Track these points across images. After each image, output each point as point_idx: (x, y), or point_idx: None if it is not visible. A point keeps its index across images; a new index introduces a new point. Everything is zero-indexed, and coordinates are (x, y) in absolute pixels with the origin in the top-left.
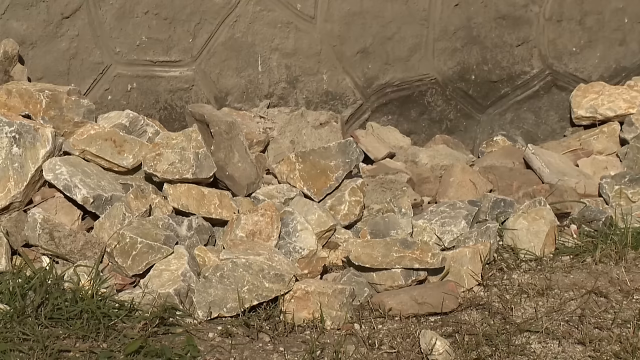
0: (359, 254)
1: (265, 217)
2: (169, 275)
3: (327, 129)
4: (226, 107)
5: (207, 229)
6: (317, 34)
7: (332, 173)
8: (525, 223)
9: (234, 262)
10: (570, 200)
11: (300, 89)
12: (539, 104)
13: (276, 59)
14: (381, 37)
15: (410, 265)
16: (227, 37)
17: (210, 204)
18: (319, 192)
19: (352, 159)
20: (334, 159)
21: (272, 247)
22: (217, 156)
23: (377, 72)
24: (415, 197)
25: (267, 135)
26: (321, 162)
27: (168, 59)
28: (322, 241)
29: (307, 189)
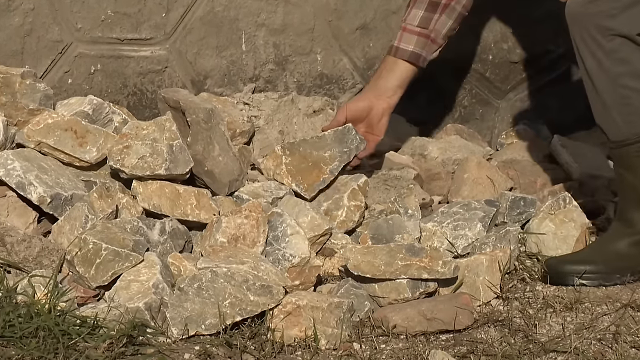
0: (358, 262)
1: (250, 220)
2: (139, 287)
3: (321, 117)
4: (205, 92)
5: (182, 233)
6: (310, 8)
7: (325, 165)
8: (552, 226)
9: (214, 272)
10: (603, 199)
11: (291, 71)
12: (567, 89)
13: (263, 36)
14: (384, 10)
15: (417, 275)
16: (206, 11)
17: (187, 204)
18: (310, 188)
19: (350, 147)
20: (329, 149)
21: (257, 254)
22: (194, 149)
23: (379, 52)
24: (423, 197)
25: (252, 124)
26: (313, 154)
27: (137, 36)
28: (315, 247)
29: (295, 184)
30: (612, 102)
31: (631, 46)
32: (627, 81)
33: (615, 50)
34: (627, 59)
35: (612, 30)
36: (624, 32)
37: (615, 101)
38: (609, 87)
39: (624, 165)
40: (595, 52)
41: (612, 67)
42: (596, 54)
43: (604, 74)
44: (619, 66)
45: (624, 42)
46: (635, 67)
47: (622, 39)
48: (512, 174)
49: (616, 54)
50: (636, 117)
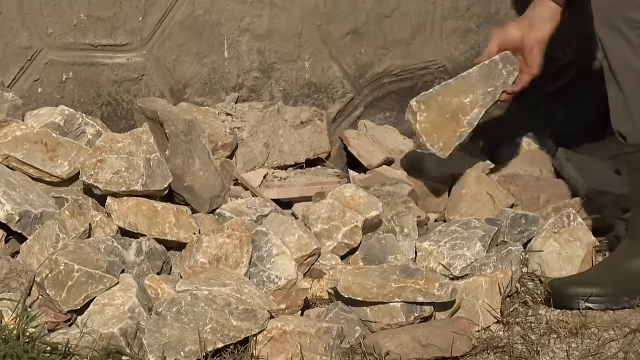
0: (349, 285)
1: (233, 239)
2: (113, 311)
3: (309, 128)
4: (184, 102)
5: (160, 253)
6: (298, 11)
7: (464, 116)
8: (556, 245)
9: (194, 295)
10: (611, 216)
11: (277, 80)
12: (573, 99)
13: (246, 42)
14: (377, 14)
15: (412, 299)
16: (185, 15)
17: (165, 222)
18: (446, 146)
19: (496, 85)
20: (472, 91)
21: (241, 276)
22: (173, 163)
23: (372, 58)
24: (419, 214)
25: (235, 136)
26: (453, 102)
27: (112, 42)
28: (303, 268)
29: (430, 144)
30: (636, 102)
31: None
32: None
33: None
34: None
35: (639, 22)
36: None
37: (639, 101)
38: (635, 86)
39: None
40: (621, 47)
41: (638, 64)
42: (622, 49)
43: (629, 71)
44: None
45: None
46: None
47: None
48: (513, 189)
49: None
50: None
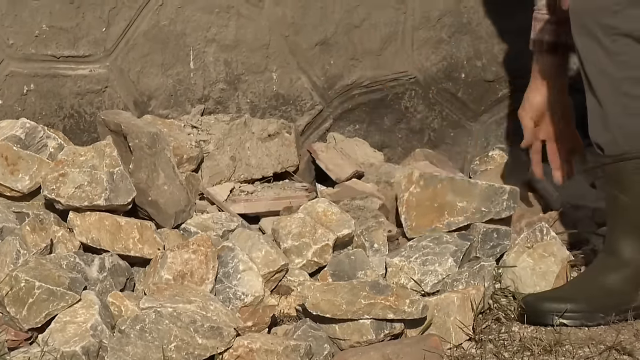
0: (317, 301)
1: (199, 255)
2: (76, 329)
3: (277, 141)
4: (149, 115)
5: (123, 269)
6: (265, 21)
7: (449, 215)
8: (530, 261)
9: (158, 312)
10: (586, 231)
11: (244, 91)
12: None
13: (213, 52)
14: (346, 24)
15: (382, 316)
16: (150, 25)
17: (129, 237)
18: (417, 230)
19: (491, 210)
20: (469, 200)
21: (206, 293)
22: (137, 177)
23: (341, 70)
24: (389, 229)
25: (201, 150)
26: (448, 196)
27: (75, 53)
28: (270, 285)
29: (405, 217)
30: (612, 111)
31: (637, 48)
32: (630, 88)
33: (618, 52)
34: (632, 63)
35: (615, 28)
36: (629, 30)
37: (615, 110)
38: (610, 94)
39: (618, 185)
40: (597, 54)
41: (614, 71)
42: (597, 55)
43: (605, 79)
44: (622, 71)
45: (629, 44)
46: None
47: (627, 39)
48: None
49: (619, 56)
50: (635, 130)
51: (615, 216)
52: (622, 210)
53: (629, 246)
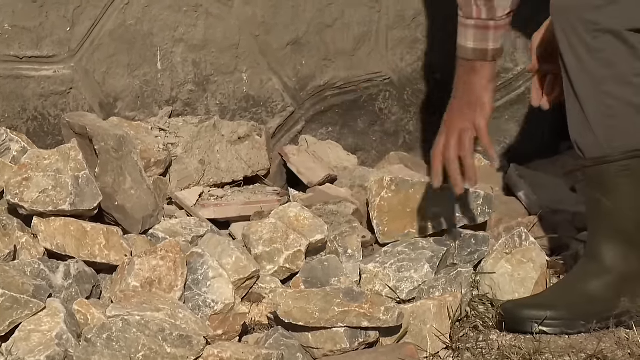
0: (289, 309)
1: (167, 261)
2: (40, 338)
3: (247, 144)
4: (115, 117)
5: (90, 276)
6: (235, 21)
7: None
8: (509, 267)
9: (126, 321)
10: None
11: (213, 93)
12: (526, 112)
13: (181, 53)
14: (318, 24)
15: (356, 324)
16: (116, 25)
17: (95, 244)
18: (389, 236)
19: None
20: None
21: (175, 300)
22: (103, 181)
23: (314, 70)
24: (364, 234)
25: (169, 153)
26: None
27: (39, 53)
28: (241, 292)
29: (377, 222)
30: (593, 111)
31: (618, 45)
32: (612, 87)
33: (600, 49)
34: (613, 61)
35: (597, 24)
36: (611, 27)
37: (596, 110)
38: (591, 93)
39: (600, 188)
40: (578, 51)
41: (595, 69)
42: (578, 53)
43: (586, 77)
44: (604, 69)
45: (610, 40)
46: (622, 70)
47: (609, 36)
48: None
49: (601, 53)
50: (620, 131)
51: (597, 221)
52: (604, 214)
53: (611, 251)
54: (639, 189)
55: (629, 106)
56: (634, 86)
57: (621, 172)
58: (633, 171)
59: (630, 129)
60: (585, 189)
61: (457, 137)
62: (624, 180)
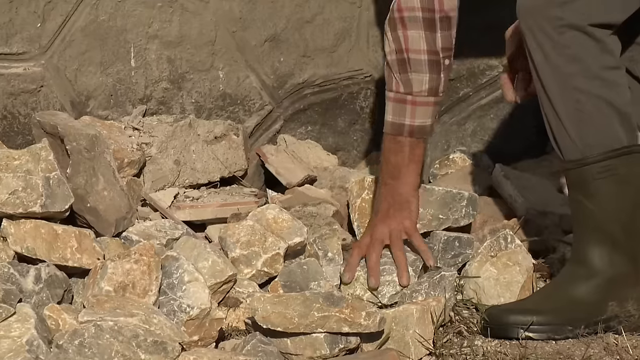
0: (267, 314)
1: (141, 265)
2: (10, 345)
3: (224, 144)
4: (87, 116)
5: (61, 280)
6: (211, 16)
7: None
8: (494, 271)
9: (98, 326)
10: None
11: (188, 91)
12: (511, 110)
13: (155, 50)
14: (297, 19)
15: (337, 329)
16: (88, 21)
17: (66, 247)
18: None
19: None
20: (425, 206)
21: (149, 305)
22: (75, 182)
23: (292, 68)
24: (344, 237)
25: (143, 153)
26: None
27: (8, 50)
28: (217, 296)
29: (358, 224)
30: (563, 108)
31: (584, 39)
32: (579, 83)
33: (566, 45)
34: (579, 56)
35: (562, 20)
36: (575, 22)
37: (567, 107)
38: (560, 90)
39: (581, 191)
40: (545, 49)
41: (563, 65)
42: (545, 50)
43: (554, 74)
44: (571, 64)
45: (576, 36)
46: (588, 65)
47: (574, 31)
48: None
49: (568, 49)
50: (590, 128)
51: (582, 224)
52: (588, 217)
53: (598, 255)
54: (621, 189)
55: (598, 99)
56: (603, 80)
57: (602, 174)
58: (614, 172)
59: (602, 123)
60: (568, 191)
61: (383, 239)
62: (606, 181)
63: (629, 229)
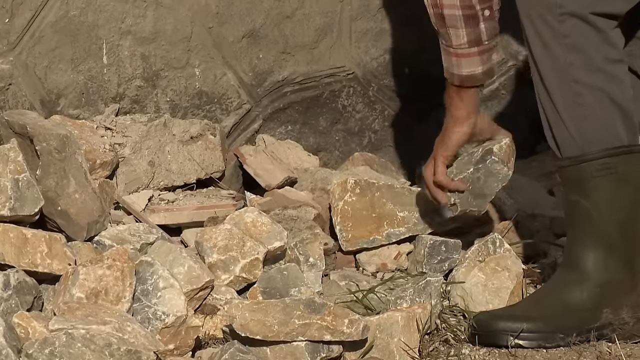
0: (246, 322)
1: (114, 270)
2: None
3: (200, 144)
4: (58, 115)
5: (31, 287)
6: (187, 11)
7: (389, 226)
8: (482, 276)
9: (70, 335)
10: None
11: (163, 89)
12: (499, 109)
13: (128, 46)
14: (277, 14)
15: (318, 337)
16: (58, 16)
17: (36, 252)
18: (353, 243)
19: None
20: (410, 210)
21: (123, 313)
22: (45, 184)
23: (272, 65)
24: (326, 241)
25: (116, 154)
26: (387, 205)
27: None
28: (194, 303)
29: (340, 228)
30: (562, 101)
31: (585, 29)
32: (579, 74)
33: (566, 34)
34: (580, 46)
35: (562, 7)
36: (576, 10)
37: (566, 100)
38: (559, 82)
39: (578, 189)
40: (544, 37)
41: (562, 55)
42: (545, 39)
43: (553, 65)
44: (571, 54)
45: (577, 24)
46: (590, 56)
47: (575, 19)
48: None
49: (568, 38)
50: (590, 123)
51: (576, 225)
52: (583, 217)
53: (592, 259)
54: (620, 189)
55: (600, 93)
56: (605, 72)
57: (601, 172)
58: (614, 170)
59: (603, 119)
60: (563, 191)
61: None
62: (604, 179)
63: (626, 232)
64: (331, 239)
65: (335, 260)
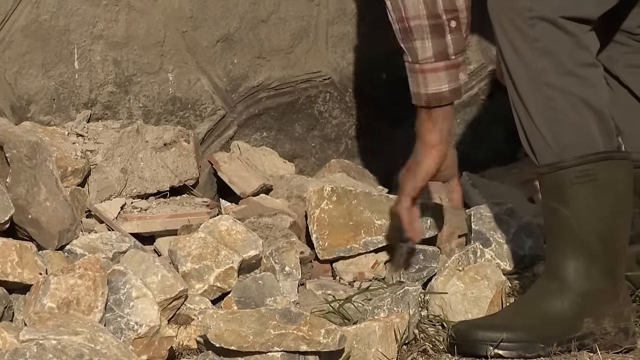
0: (221, 332)
1: (86, 280)
2: None
3: (174, 151)
4: (28, 122)
5: (1, 297)
6: (160, 15)
7: (366, 234)
8: (461, 285)
9: (41, 345)
10: None
11: (136, 95)
12: (479, 115)
13: (100, 51)
14: (252, 18)
15: (294, 348)
16: (29, 20)
17: (6, 261)
18: (329, 251)
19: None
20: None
21: (95, 323)
22: (15, 192)
23: (247, 70)
24: (302, 250)
25: (88, 161)
26: (364, 213)
27: None
28: (167, 313)
29: (317, 236)
30: (535, 108)
31: (555, 33)
32: (551, 78)
33: (536, 38)
34: (551, 50)
35: (531, 11)
36: (546, 14)
37: (539, 107)
38: (532, 88)
39: (557, 197)
40: (515, 43)
41: (533, 60)
42: (515, 44)
43: (524, 70)
44: (542, 58)
45: (547, 28)
46: (561, 59)
47: (545, 23)
48: None
49: (538, 42)
50: (565, 127)
51: (556, 233)
52: (563, 226)
53: (572, 267)
54: (599, 196)
55: (573, 97)
56: (577, 76)
57: (580, 179)
58: (593, 177)
59: (577, 123)
60: (542, 198)
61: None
62: (584, 186)
63: (607, 240)
64: (307, 247)
65: (311, 269)
